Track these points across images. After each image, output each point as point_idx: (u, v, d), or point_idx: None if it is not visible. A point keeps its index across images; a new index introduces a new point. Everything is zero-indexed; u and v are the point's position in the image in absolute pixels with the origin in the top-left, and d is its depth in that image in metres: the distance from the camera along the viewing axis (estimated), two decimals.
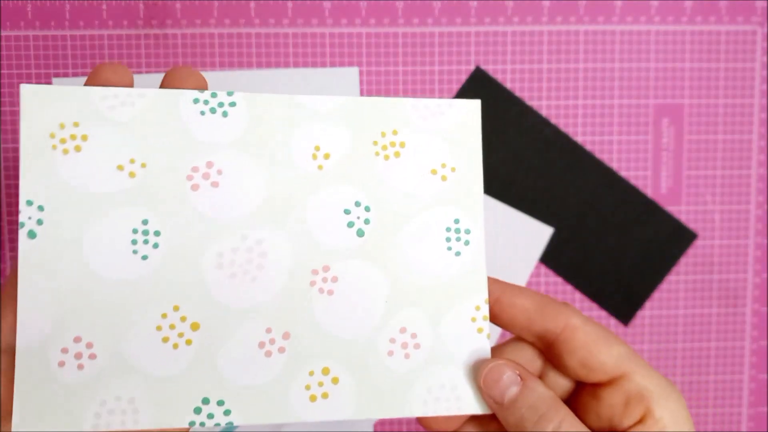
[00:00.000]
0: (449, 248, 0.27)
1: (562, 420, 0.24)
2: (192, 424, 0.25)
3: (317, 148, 0.26)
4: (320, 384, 0.26)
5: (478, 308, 0.27)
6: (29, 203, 0.24)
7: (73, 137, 0.24)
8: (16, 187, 0.42)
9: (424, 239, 0.27)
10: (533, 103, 0.43)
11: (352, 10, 0.42)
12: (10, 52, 0.41)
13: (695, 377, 0.45)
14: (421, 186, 0.27)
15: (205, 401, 0.25)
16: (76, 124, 0.24)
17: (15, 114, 0.42)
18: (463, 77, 0.43)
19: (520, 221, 0.44)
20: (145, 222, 0.25)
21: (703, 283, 0.45)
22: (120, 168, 0.25)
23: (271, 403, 0.25)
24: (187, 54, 0.42)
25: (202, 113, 0.26)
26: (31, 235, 0.24)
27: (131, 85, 0.26)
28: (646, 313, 0.45)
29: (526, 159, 0.44)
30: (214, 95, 0.26)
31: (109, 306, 0.24)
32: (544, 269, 0.44)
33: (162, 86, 0.26)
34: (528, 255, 0.44)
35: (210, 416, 0.25)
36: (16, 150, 0.42)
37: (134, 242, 0.25)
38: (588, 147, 0.44)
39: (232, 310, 0.25)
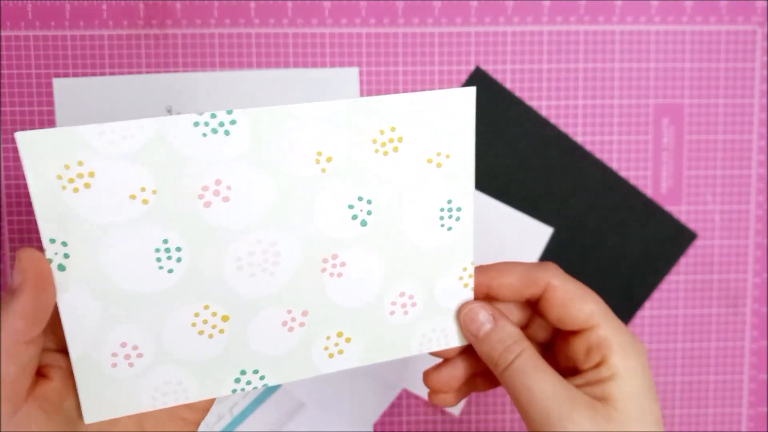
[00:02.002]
0: (442, 225, 0.30)
1: (522, 351, 0.29)
2: (234, 391, 0.29)
3: (319, 153, 0.28)
4: (336, 345, 0.30)
5: (465, 269, 0.31)
6: (52, 241, 0.25)
7: (80, 175, 0.25)
8: (17, 187, 0.42)
9: (420, 221, 0.30)
10: (533, 103, 0.43)
11: (352, 10, 0.42)
12: (10, 52, 0.41)
13: (695, 377, 0.45)
14: (417, 175, 0.29)
15: (243, 372, 0.29)
16: (80, 163, 0.25)
17: (15, 114, 0.42)
18: (463, 77, 0.43)
19: (520, 221, 0.44)
20: (165, 241, 0.27)
21: (703, 283, 0.45)
22: (132, 197, 0.26)
23: (297, 365, 0.30)
24: (187, 54, 0.42)
25: (204, 135, 0.26)
26: (61, 268, 0.26)
27: None
28: (646, 313, 0.45)
29: (526, 159, 0.44)
30: (213, 116, 0.26)
31: (145, 314, 0.27)
32: None
33: None
34: (528, 255, 0.44)
35: (248, 383, 0.29)
36: (16, 150, 0.42)
37: (158, 260, 0.27)
38: (588, 147, 0.44)
39: (255, 301, 0.28)
